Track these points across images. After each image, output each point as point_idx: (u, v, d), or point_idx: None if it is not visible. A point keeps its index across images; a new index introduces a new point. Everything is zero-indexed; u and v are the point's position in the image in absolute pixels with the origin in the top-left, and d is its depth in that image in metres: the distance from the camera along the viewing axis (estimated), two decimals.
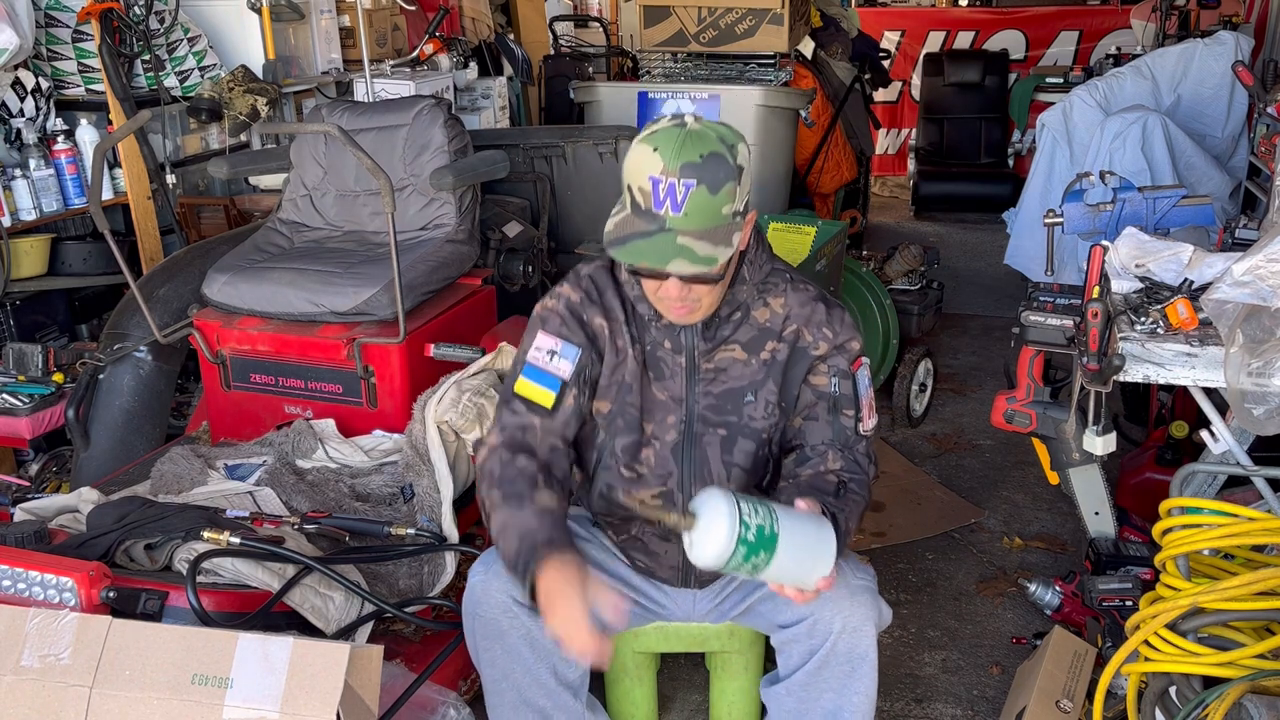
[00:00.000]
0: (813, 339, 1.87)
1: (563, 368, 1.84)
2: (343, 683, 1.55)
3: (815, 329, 1.87)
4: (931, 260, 4.41)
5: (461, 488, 2.42)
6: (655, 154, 1.63)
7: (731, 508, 1.54)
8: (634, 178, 1.67)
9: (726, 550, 1.52)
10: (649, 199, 1.65)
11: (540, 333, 1.87)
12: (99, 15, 3.38)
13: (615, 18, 7.54)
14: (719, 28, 4.58)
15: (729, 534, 1.52)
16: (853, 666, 1.80)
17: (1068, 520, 3.25)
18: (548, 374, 1.84)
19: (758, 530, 1.54)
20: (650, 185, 1.64)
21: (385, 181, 2.39)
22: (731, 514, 1.53)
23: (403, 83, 4.33)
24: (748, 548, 1.53)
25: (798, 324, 1.88)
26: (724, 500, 1.55)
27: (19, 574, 1.77)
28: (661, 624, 2.09)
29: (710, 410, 1.88)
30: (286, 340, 2.64)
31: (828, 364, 1.87)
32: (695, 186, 1.62)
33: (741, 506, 1.55)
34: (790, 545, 1.57)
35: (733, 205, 1.67)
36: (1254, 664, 1.74)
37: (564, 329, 1.86)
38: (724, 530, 1.52)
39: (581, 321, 1.87)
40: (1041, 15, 7.67)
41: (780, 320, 1.88)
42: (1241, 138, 3.87)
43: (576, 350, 1.85)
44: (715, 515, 1.54)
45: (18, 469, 3.20)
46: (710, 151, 1.64)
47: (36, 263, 3.32)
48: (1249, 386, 1.86)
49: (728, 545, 1.52)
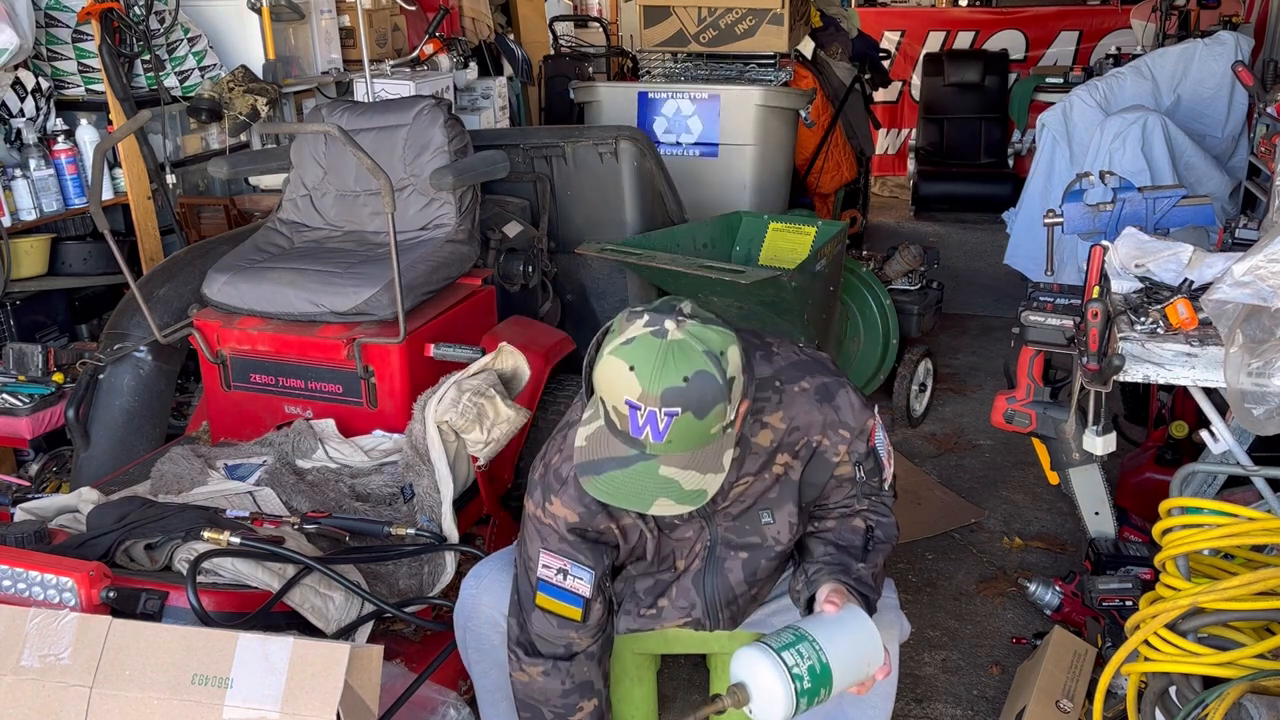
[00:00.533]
0: (830, 444, 1.74)
1: (580, 587, 1.73)
2: (343, 683, 1.55)
3: (831, 433, 1.73)
4: (931, 260, 4.41)
5: (461, 488, 2.42)
6: (632, 375, 1.43)
7: (777, 665, 1.50)
8: (609, 395, 1.48)
9: (790, 710, 1.50)
10: (626, 423, 1.46)
11: (542, 551, 1.73)
12: (99, 15, 3.37)
13: (615, 18, 7.54)
14: (719, 28, 4.58)
15: (787, 697, 1.50)
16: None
17: (1068, 520, 3.25)
18: (567, 592, 1.73)
19: (809, 672, 1.52)
20: (628, 410, 1.44)
21: (385, 181, 2.39)
22: (781, 674, 1.50)
23: (403, 83, 4.33)
24: (809, 696, 1.52)
25: (807, 435, 1.73)
26: (765, 659, 1.51)
27: (19, 574, 1.77)
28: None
29: (732, 533, 1.80)
30: (286, 340, 2.64)
31: (849, 454, 1.77)
32: (679, 415, 1.43)
33: (785, 659, 1.51)
34: (842, 664, 1.55)
35: (723, 422, 1.49)
36: (1254, 664, 1.74)
37: (567, 548, 1.72)
38: (781, 696, 1.50)
39: (584, 536, 1.73)
40: (1041, 15, 7.67)
41: (783, 434, 1.72)
42: (1241, 138, 3.87)
43: (589, 570, 1.72)
44: (767, 681, 1.51)
45: (18, 469, 3.20)
46: (695, 371, 1.43)
47: (36, 263, 3.32)
48: (1249, 386, 1.86)
49: (789, 706, 1.50)
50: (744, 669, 1.53)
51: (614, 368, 1.46)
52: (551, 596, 1.73)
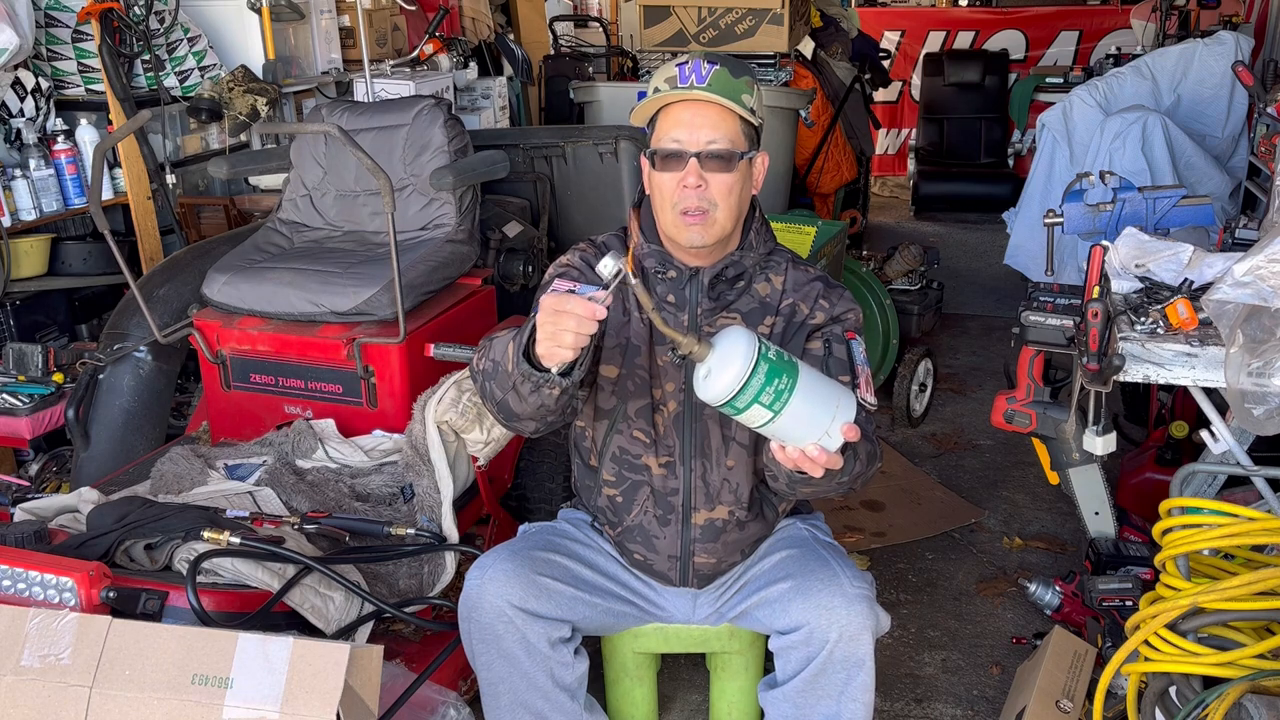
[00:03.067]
0: (809, 310, 1.91)
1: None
2: (343, 683, 1.55)
3: (811, 301, 1.91)
4: (931, 260, 4.41)
5: (461, 488, 2.42)
6: (676, 59, 1.81)
7: (751, 333, 1.48)
8: (658, 78, 1.82)
9: (746, 366, 1.43)
10: (674, 80, 1.78)
11: (556, 280, 1.83)
12: (99, 15, 3.37)
13: (615, 18, 7.54)
14: (719, 28, 4.59)
15: (749, 348, 1.44)
16: (850, 674, 1.80)
17: (1068, 520, 3.25)
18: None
19: (778, 353, 1.47)
20: (675, 70, 1.79)
21: (385, 181, 2.39)
22: (751, 334, 1.48)
23: (403, 83, 4.33)
24: (769, 366, 1.44)
25: (794, 298, 1.92)
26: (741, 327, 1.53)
27: (19, 574, 1.76)
28: (661, 625, 2.09)
29: None
30: (286, 340, 2.64)
31: (822, 332, 1.89)
32: (717, 67, 1.77)
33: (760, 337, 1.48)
34: (810, 378, 1.49)
35: (752, 99, 1.80)
36: (1254, 664, 1.74)
37: (582, 278, 1.88)
38: (744, 344, 1.45)
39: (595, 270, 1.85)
40: (1041, 15, 7.67)
41: (778, 295, 1.92)
42: (1241, 138, 3.87)
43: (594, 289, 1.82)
44: (735, 335, 1.47)
45: (18, 469, 3.20)
46: (729, 56, 1.83)
47: (36, 263, 3.32)
48: (1249, 386, 1.86)
49: (748, 361, 1.43)
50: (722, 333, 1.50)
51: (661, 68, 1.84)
52: None
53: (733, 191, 1.80)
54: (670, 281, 1.89)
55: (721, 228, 1.82)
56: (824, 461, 1.53)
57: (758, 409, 1.46)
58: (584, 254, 1.96)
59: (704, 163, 1.76)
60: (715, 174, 1.77)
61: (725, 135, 1.78)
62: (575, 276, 1.89)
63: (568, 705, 1.90)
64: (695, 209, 1.78)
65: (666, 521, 1.95)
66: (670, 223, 1.82)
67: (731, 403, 1.46)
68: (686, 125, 1.77)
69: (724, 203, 1.79)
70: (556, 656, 1.87)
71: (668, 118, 1.81)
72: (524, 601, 1.83)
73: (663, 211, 1.83)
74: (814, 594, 1.81)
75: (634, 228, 1.93)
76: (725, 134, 1.78)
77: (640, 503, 1.96)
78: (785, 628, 1.84)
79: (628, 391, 1.91)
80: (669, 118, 1.80)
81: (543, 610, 1.85)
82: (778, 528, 2.05)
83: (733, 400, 1.45)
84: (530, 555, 1.91)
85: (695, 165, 1.76)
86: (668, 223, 1.83)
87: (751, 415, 1.47)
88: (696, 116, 1.77)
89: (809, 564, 1.88)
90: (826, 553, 1.93)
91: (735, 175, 1.79)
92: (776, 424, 1.48)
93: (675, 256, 1.88)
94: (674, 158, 1.78)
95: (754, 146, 1.84)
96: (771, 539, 2.03)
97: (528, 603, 1.83)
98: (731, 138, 1.78)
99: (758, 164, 1.87)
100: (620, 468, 1.95)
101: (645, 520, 1.96)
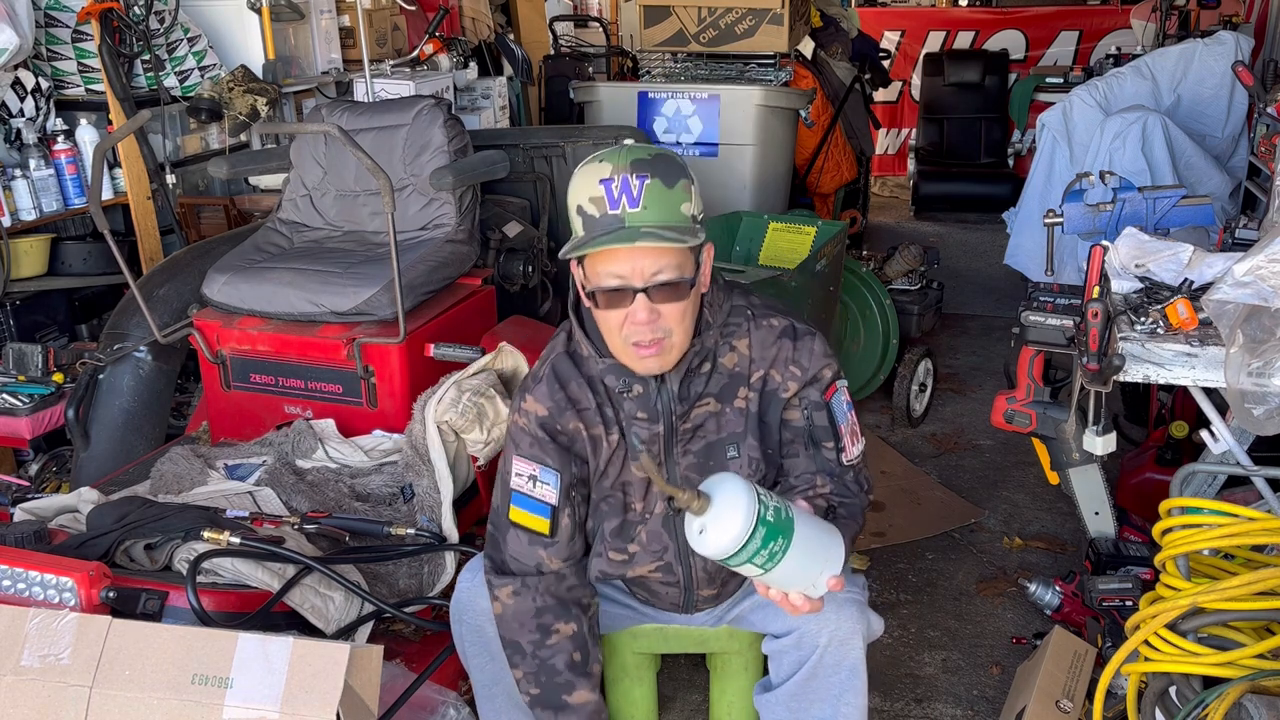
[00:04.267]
0: (781, 380, 1.80)
1: (547, 494, 1.79)
2: (343, 683, 1.55)
3: (782, 368, 1.80)
4: (931, 260, 4.41)
5: (461, 488, 2.42)
6: (600, 163, 1.63)
7: (749, 487, 1.42)
8: (581, 194, 1.63)
9: (744, 532, 1.39)
10: (603, 204, 1.60)
11: (515, 457, 1.81)
12: (99, 15, 3.37)
13: (615, 18, 7.54)
14: (719, 28, 4.58)
15: (748, 512, 1.39)
16: (841, 678, 1.79)
17: (1068, 520, 3.25)
18: (535, 501, 1.79)
19: (775, 512, 1.43)
20: (602, 189, 1.60)
21: (385, 181, 2.39)
22: (750, 492, 1.42)
23: (403, 83, 4.33)
24: (767, 530, 1.41)
25: (764, 368, 1.81)
26: (739, 480, 1.44)
27: (19, 574, 1.77)
28: (661, 625, 2.09)
29: (693, 471, 1.81)
30: (286, 340, 2.64)
31: (800, 399, 1.82)
32: (649, 180, 1.60)
33: (758, 488, 1.44)
34: (804, 535, 1.47)
35: (690, 206, 1.64)
36: (1254, 664, 1.74)
37: (537, 450, 1.79)
38: (743, 508, 1.40)
39: (554, 435, 1.80)
40: (1041, 15, 7.67)
41: (747, 364, 1.81)
42: (1241, 138, 3.87)
43: (555, 474, 1.79)
44: (733, 494, 1.42)
45: (18, 469, 3.20)
46: (657, 154, 1.64)
47: (36, 263, 3.32)
48: (1249, 386, 1.86)
49: (746, 526, 1.39)
50: (716, 484, 1.45)
51: (582, 171, 1.65)
52: (522, 509, 1.80)
53: (686, 315, 1.68)
54: (638, 399, 1.78)
55: (680, 349, 1.71)
56: (805, 608, 1.55)
57: (750, 567, 1.47)
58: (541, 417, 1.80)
59: (652, 295, 1.62)
60: (667, 304, 1.64)
61: (671, 263, 1.62)
62: (532, 454, 1.80)
63: None
64: (649, 340, 1.66)
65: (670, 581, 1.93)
66: (621, 351, 1.72)
67: (725, 560, 1.45)
68: (625, 260, 1.61)
69: (679, 328, 1.68)
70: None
71: (601, 254, 1.63)
72: None
73: (611, 339, 1.71)
74: None
75: (579, 335, 1.79)
76: (671, 261, 1.62)
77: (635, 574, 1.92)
78: (777, 631, 1.84)
79: (602, 514, 1.86)
80: (603, 254, 1.63)
81: None
82: None
83: (727, 560, 1.45)
84: None
85: (644, 300, 1.62)
86: (619, 349, 1.72)
87: (743, 569, 1.48)
88: (635, 253, 1.61)
89: None
90: None
91: (688, 301, 1.66)
92: (766, 578, 1.51)
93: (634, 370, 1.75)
94: (618, 293, 1.64)
95: (700, 250, 1.68)
96: None
97: None
98: (678, 263, 1.63)
99: (707, 255, 1.72)
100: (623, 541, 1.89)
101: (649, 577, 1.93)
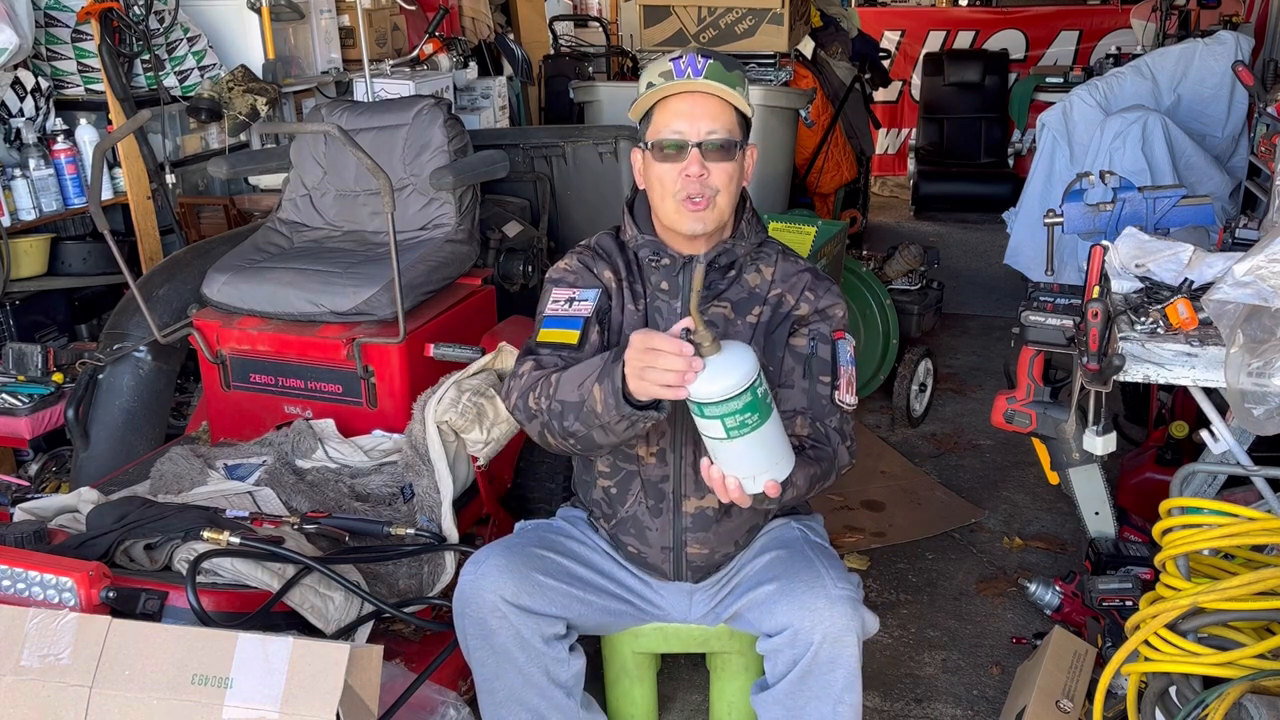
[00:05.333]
0: (794, 301, 1.95)
1: (583, 308, 1.91)
2: (343, 683, 1.55)
3: (798, 293, 1.95)
4: (931, 260, 4.41)
5: (461, 488, 2.42)
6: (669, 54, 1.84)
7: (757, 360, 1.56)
8: (652, 72, 1.84)
9: (737, 385, 1.52)
10: (670, 75, 1.81)
11: (554, 289, 1.96)
12: (99, 15, 3.37)
13: (615, 18, 7.54)
14: (719, 27, 4.58)
15: (749, 371, 1.53)
16: (837, 676, 1.79)
17: (1068, 520, 3.25)
18: (569, 318, 1.91)
19: (765, 394, 1.56)
20: (670, 64, 1.82)
21: (385, 181, 2.39)
22: (756, 362, 1.55)
23: (402, 83, 4.33)
24: (752, 399, 1.54)
25: (782, 289, 1.95)
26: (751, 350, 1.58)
27: (19, 574, 1.76)
28: (660, 625, 2.09)
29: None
30: (286, 340, 2.64)
31: (808, 327, 1.93)
32: (711, 61, 1.82)
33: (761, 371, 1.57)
34: (773, 431, 1.60)
35: (744, 94, 1.84)
36: (1254, 664, 1.74)
37: (578, 280, 1.95)
38: (747, 366, 1.53)
39: (593, 272, 1.97)
40: (1041, 15, 7.67)
41: (767, 286, 1.96)
42: (1241, 138, 3.87)
43: (594, 290, 1.93)
44: (743, 354, 1.55)
45: (18, 469, 3.19)
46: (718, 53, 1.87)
47: (36, 263, 3.32)
48: (1249, 386, 1.86)
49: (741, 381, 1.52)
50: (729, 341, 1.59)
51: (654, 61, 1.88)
52: (553, 327, 1.91)
53: (733, 179, 1.86)
54: (664, 269, 1.93)
55: (721, 214, 1.87)
56: (735, 497, 1.64)
57: (717, 424, 1.56)
58: (581, 256, 1.99)
59: (705, 153, 1.82)
60: (716, 163, 1.83)
61: (724, 125, 1.83)
62: (571, 281, 1.96)
63: (563, 702, 1.90)
64: (698, 195, 1.83)
65: (658, 512, 1.96)
66: (672, 210, 1.86)
67: (703, 406, 1.55)
68: (686, 116, 1.82)
69: (725, 190, 1.85)
70: (551, 653, 1.87)
71: (666, 110, 1.85)
72: (518, 597, 1.83)
73: (663, 201, 1.87)
74: (798, 596, 1.80)
75: (627, 221, 1.98)
76: (724, 124, 1.83)
77: (634, 494, 1.97)
78: (771, 630, 1.84)
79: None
80: (667, 110, 1.84)
81: (537, 606, 1.85)
82: (770, 528, 2.05)
83: (705, 404, 1.55)
84: (525, 551, 1.91)
85: (697, 155, 1.82)
86: (669, 211, 1.87)
87: (708, 425, 1.58)
88: (696, 107, 1.82)
89: (794, 566, 1.88)
90: (813, 554, 1.91)
91: (734, 164, 1.86)
92: (721, 445, 1.59)
93: (669, 245, 1.93)
94: (675, 148, 1.82)
95: (746, 138, 1.90)
96: (764, 538, 2.03)
97: (521, 598, 1.84)
98: (729, 128, 1.84)
99: (749, 156, 1.92)
100: (615, 458, 1.97)
101: (638, 511, 1.97)
